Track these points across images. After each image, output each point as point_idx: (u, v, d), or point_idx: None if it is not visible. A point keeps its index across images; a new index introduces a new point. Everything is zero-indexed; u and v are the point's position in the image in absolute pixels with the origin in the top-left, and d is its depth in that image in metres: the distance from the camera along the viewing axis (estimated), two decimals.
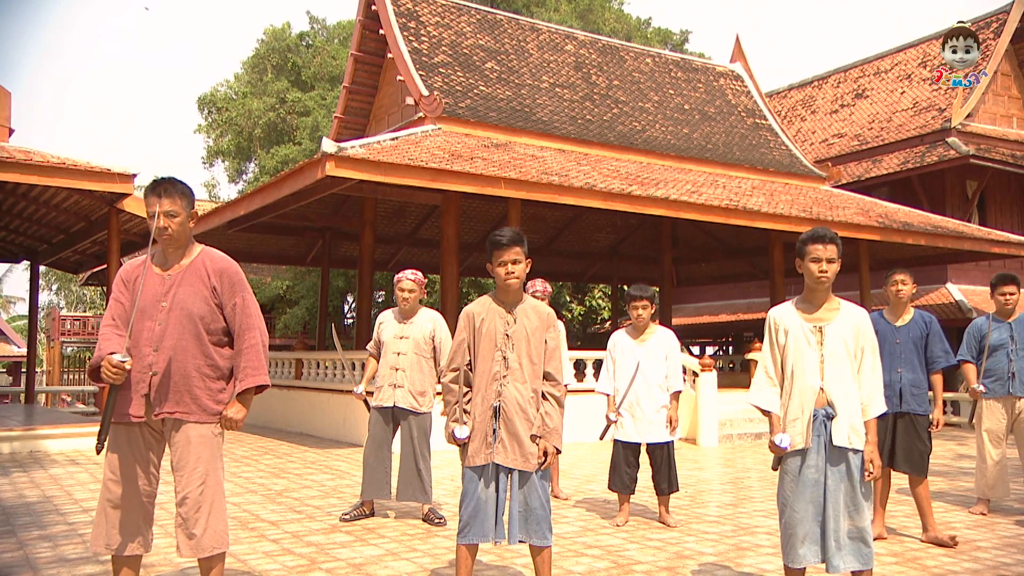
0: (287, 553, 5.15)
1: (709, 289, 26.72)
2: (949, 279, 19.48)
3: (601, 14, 27.02)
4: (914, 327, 5.80)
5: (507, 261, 3.93)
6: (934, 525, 5.72)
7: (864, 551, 3.79)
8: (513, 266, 3.93)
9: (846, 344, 3.85)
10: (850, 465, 3.78)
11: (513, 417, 3.85)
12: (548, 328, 4.02)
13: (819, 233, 3.87)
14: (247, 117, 25.98)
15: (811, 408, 3.82)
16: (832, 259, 3.84)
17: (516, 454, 3.85)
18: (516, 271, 3.94)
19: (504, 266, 3.93)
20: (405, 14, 15.22)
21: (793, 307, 3.98)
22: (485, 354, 3.94)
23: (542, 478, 3.92)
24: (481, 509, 3.85)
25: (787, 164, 18.17)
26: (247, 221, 15.39)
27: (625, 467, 6.32)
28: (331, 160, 9.40)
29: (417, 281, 6.32)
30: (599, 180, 12.12)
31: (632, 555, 5.24)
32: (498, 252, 3.95)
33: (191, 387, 3.56)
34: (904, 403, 5.69)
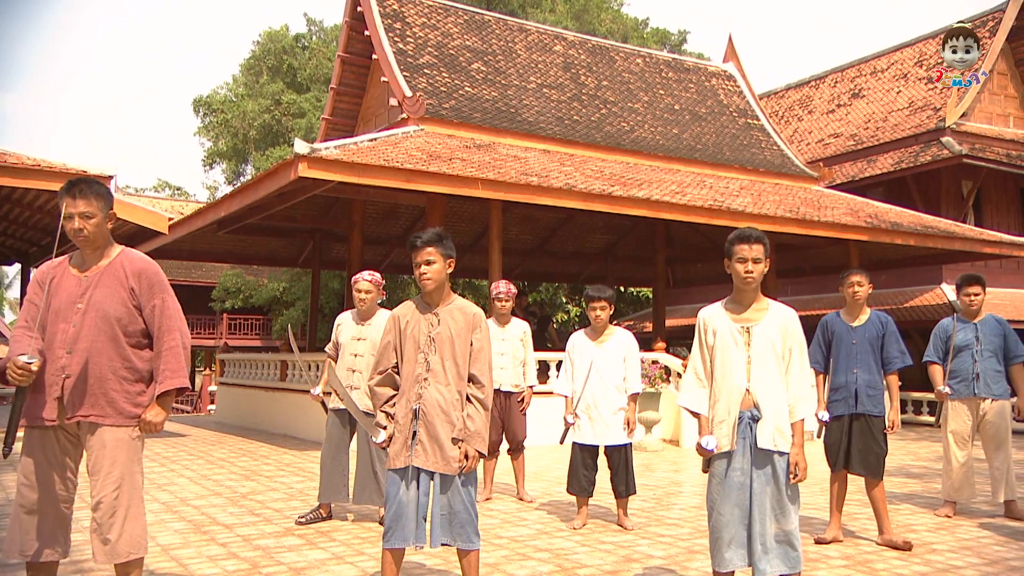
0: (231, 557, 5.12)
1: (705, 290, 26.59)
2: (944, 279, 19.35)
3: (597, 14, 26.95)
4: (870, 327, 5.74)
5: (420, 262, 3.90)
6: (890, 528, 5.66)
7: (791, 555, 3.74)
8: (427, 267, 3.89)
9: (773, 345, 3.80)
10: (776, 468, 3.73)
11: (433, 420, 3.82)
12: (474, 329, 3.98)
13: (745, 233, 3.82)
14: (242, 119, 26.00)
15: (737, 410, 3.78)
16: (758, 259, 3.79)
17: (437, 457, 3.81)
18: (430, 272, 3.90)
19: (418, 267, 3.90)
20: (391, 15, 15.21)
21: (722, 307, 3.94)
22: (409, 356, 3.90)
23: (465, 482, 3.88)
24: (403, 513, 3.81)
25: (778, 164, 18.09)
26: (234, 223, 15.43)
27: (583, 470, 6.27)
28: (303, 161, 9.37)
29: (374, 282, 6.29)
30: (581, 181, 12.08)
31: (579, 558, 5.20)
32: (413, 253, 3.92)
33: (107, 390, 3.53)
34: (860, 404, 5.63)
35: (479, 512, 6.81)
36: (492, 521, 6.38)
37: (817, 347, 5.91)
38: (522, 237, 21.03)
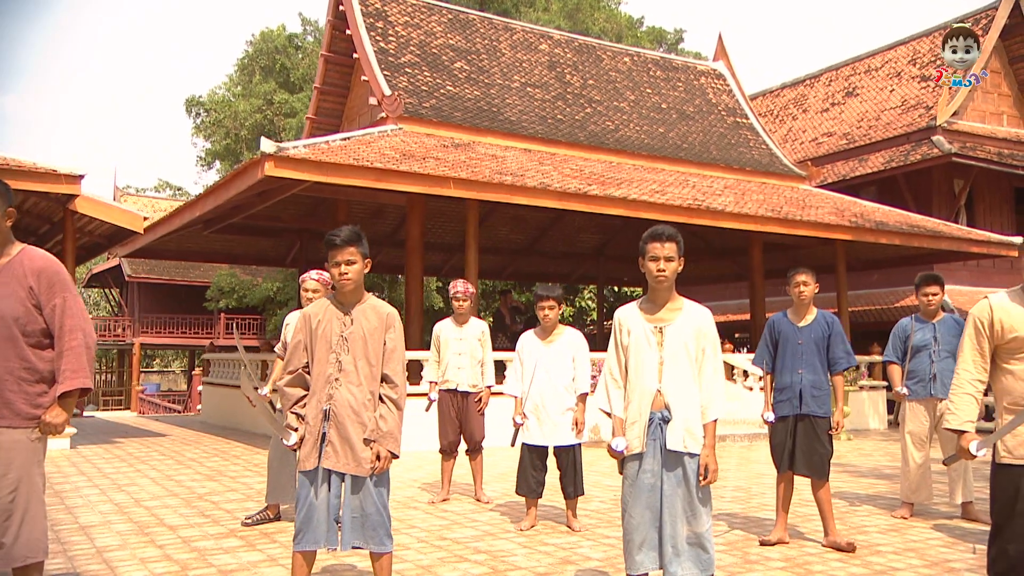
0: (164, 560, 5.08)
1: (700, 290, 26.50)
2: None
3: (590, 13, 26.88)
4: (816, 328, 5.67)
5: (341, 262, 3.83)
6: (835, 529, 5.59)
7: (703, 557, 3.69)
8: (347, 267, 3.83)
9: (686, 345, 3.74)
10: (686, 470, 3.68)
11: (344, 420, 3.76)
12: (388, 329, 3.93)
13: (657, 231, 3.76)
14: (233, 119, 26.01)
15: (648, 411, 3.72)
16: (670, 257, 3.73)
17: (348, 458, 3.76)
18: (351, 272, 3.84)
19: (338, 267, 3.84)
20: (373, 14, 15.17)
21: (637, 307, 3.88)
22: (320, 356, 3.85)
23: (378, 483, 3.83)
24: (313, 515, 3.76)
25: (766, 163, 18.00)
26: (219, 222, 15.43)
27: (531, 471, 6.21)
28: (270, 160, 9.34)
29: (322, 281, 6.24)
30: (558, 180, 12.02)
31: (516, 560, 5.15)
32: (332, 252, 3.86)
33: (3, 391, 3.48)
34: (804, 405, 5.56)
35: (436, 509, 6.81)
36: (441, 522, 6.34)
37: (764, 347, 5.85)
38: (512, 237, 20.97)
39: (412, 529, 6.06)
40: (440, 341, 7.44)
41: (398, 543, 5.59)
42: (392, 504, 7.04)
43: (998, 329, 3.64)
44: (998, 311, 3.67)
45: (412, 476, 8.77)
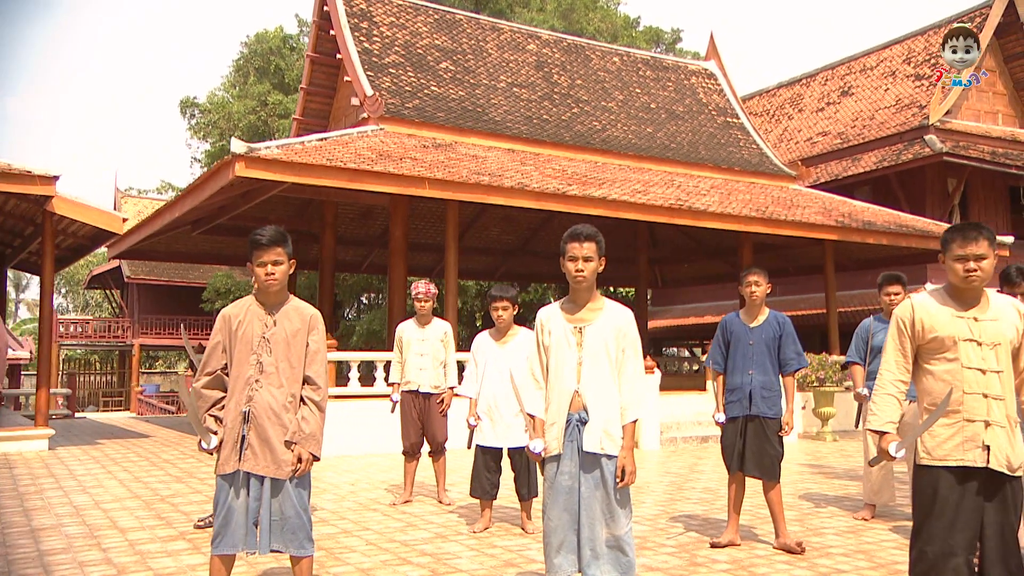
0: (104, 563, 5.05)
1: (694, 290, 26.48)
2: (929, 279, 19.11)
3: (585, 13, 26.81)
4: (767, 328, 5.62)
5: (267, 262, 3.79)
6: (786, 531, 5.54)
7: (623, 560, 3.64)
8: (274, 267, 3.79)
9: (606, 346, 3.69)
10: (604, 472, 3.63)
11: (264, 423, 3.72)
12: (311, 330, 3.89)
13: (576, 231, 3.72)
14: (227, 120, 26.02)
15: (566, 412, 3.68)
16: (589, 257, 3.69)
17: (268, 461, 3.72)
18: (278, 273, 3.79)
19: (264, 267, 3.80)
20: (358, 14, 15.15)
21: (559, 307, 3.84)
22: (240, 358, 3.80)
23: (298, 486, 3.78)
24: (232, 518, 3.72)
25: (755, 163, 17.91)
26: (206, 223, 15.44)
27: (485, 472, 6.17)
28: (240, 161, 9.32)
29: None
30: (538, 180, 11.98)
31: (459, 563, 5.10)
32: (258, 252, 3.81)
33: None
34: (754, 406, 5.51)
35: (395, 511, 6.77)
36: (397, 524, 6.30)
37: (717, 347, 5.79)
38: (503, 238, 20.96)
39: (365, 531, 6.03)
40: (402, 342, 7.41)
41: (347, 545, 5.58)
42: (354, 506, 7.07)
43: (919, 329, 3.59)
44: (919, 311, 3.61)
45: (381, 478, 8.74)
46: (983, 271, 3.47)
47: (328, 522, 6.37)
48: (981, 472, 3.43)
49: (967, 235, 3.51)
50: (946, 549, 3.41)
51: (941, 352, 3.53)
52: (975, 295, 3.55)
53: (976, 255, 3.47)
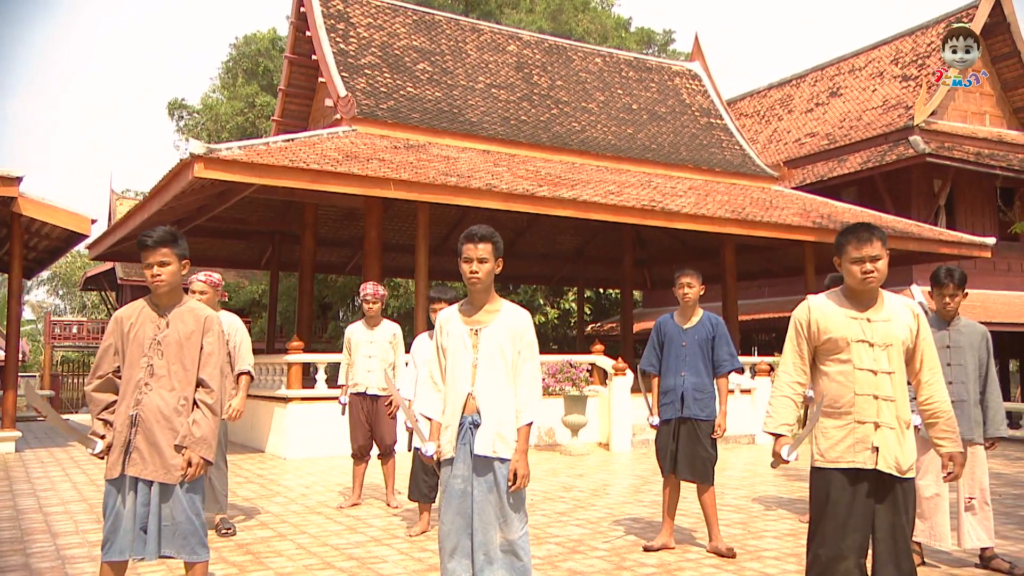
0: (22, 568, 5.01)
1: None
2: (914, 280, 19.04)
3: (574, 14, 26.77)
4: (700, 329, 5.57)
5: (153, 263, 3.74)
6: (718, 535, 5.48)
7: (517, 565, 3.59)
8: (160, 268, 3.74)
9: (502, 348, 3.64)
10: (497, 475, 3.58)
11: (152, 426, 3.67)
12: (206, 332, 3.84)
13: (471, 232, 3.67)
14: (215, 121, 26.04)
15: (459, 414, 3.63)
16: (484, 259, 3.63)
17: (156, 465, 3.67)
18: (164, 274, 3.74)
19: (150, 268, 3.75)
20: (335, 16, 15.12)
21: (457, 309, 3.80)
22: (132, 360, 3.75)
23: (189, 490, 3.73)
24: (120, 524, 3.66)
25: (737, 164, 17.85)
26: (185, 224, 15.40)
27: (423, 475, 6.12)
28: (199, 162, 9.28)
29: (209, 282, 6.17)
30: (508, 181, 11.93)
31: (382, 567, 5.06)
32: (144, 253, 3.75)
33: None
34: (686, 408, 5.46)
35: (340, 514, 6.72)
36: (336, 528, 6.25)
37: (651, 349, 5.74)
38: None
39: (301, 535, 5.98)
40: (351, 343, 7.36)
41: (277, 549, 5.53)
42: (300, 509, 7.02)
43: (814, 330, 3.55)
44: (815, 312, 3.57)
45: (338, 480, 8.69)
46: (878, 271, 3.43)
47: (268, 526, 6.32)
48: (871, 474, 3.39)
49: (861, 237, 3.47)
50: (837, 552, 3.38)
51: (835, 353, 3.49)
52: (870, 296, 3.51)
53: (871, 256, 3.43)
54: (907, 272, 19.06)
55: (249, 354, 6.28)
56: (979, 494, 5.06)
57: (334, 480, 8.74)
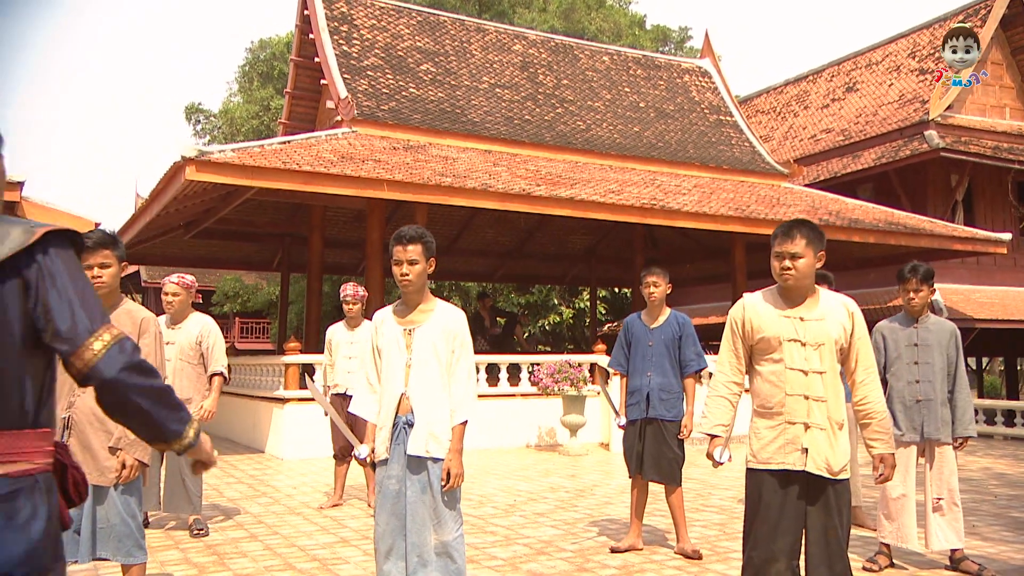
0: None
1: (698, 290, 26.15)
2: None
3: (587, 13, 26.67)
4: (667, 329, 5.50)
5: (93, 264, 3.76)
6: (686, 537, 5.42)
7: (451, 567, 3.57)
8: (101, 270, 3.76)
9: (435, 347, 3.63)
10: (430, 476, 3.56)
11: (85, 428, 3.69)
12: (142, 334, 3.85)
13: (401, 233, 3.64)
14: (230, 125, 26.28)
15: (393, 415, 3.62)
16: (415, 260, 3.61)
17: (89, 468, 3.67)
18: (104, 275, 3.76)
19: (91, 269, 3.76)
20: (338, 18, 15.18)
21: (391, 310, 3.78)
22: None
23: (124, 492, 3.74)
24: None
25: (746, 162, 17.67)
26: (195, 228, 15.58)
27: None
28: (191, 165, 9.35)
29: (182, 284, 6.21)
30: (506, 181, 11.90)
31: (344, 569, 5.05)
32: (83, 255, 3.76)
33: None
34: (652, 408, 5.40)
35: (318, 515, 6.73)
36: (310, 528, 6.26)
37: (619, 349, 5.69)
38: (500, 239, 20.89)
39: (272, 536, 5.99)
40: (331, 344, 7.38)
41: (242, 550, 5.54)
42: (281, 510, 7.04)
43: (748, 329, 3.49)
44: (749, 311, 3.51)
45: (328, 480, 8.70)
46: (797, 270, 3.36)
47: (243, 526, 6.35)
48: (802, 475, 3.32)
49: (786, 233, 3.42)
50: (769, 554, 3.32)
51: (768, 353, 3.43)
52: (802, 294, 3.44)
53: (791, 253, 3.36)
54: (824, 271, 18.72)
55: (223, 355, 6.30)
56: (947, 495, 4.95)
57: (324, 481, 8.76)
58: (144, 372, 1.73)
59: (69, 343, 1.67)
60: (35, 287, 1.65)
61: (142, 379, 1.72)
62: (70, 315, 1.67)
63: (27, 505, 1.62)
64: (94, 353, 1.67)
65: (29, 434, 1.67)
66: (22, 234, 1.64)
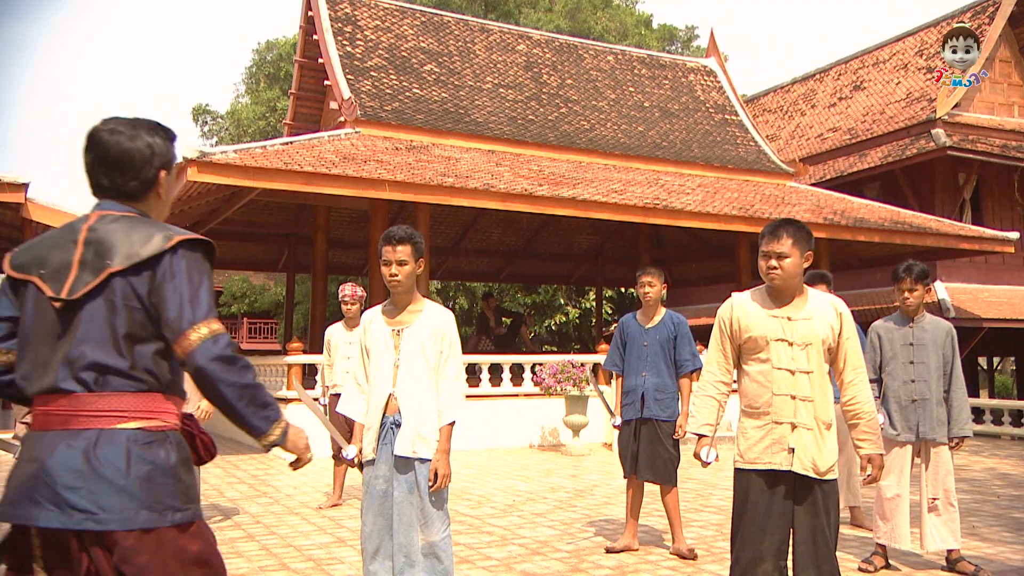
0: None
1: (707, 290, 26.06)
2: (939, 277, 18.62)
3: (592, 12, 26.64)
4: (662, 329, 5.49)
5: None
6: (681, 537, 5.40)
7: (438, 568, 3.57)
8: None
9: (423, 348, 3.63)
10: (417, 476, 3.56)
11: None
12: None
13: (390, 234, 3.63)
14: (237, 126, 26.38)
15: (381, 415, 3.62)
16: (404, 261, 3.59)
17: None
18: None
19: None
20: (342, 19, 15.22)
21: (380, 310, 3.79)
22: None
23: None
24: None
25: (752, 161, 17.62)
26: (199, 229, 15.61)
27: None
28: (193, 166, 9.39)
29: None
30: (508, 181, 11.90)
31: (338, 569, 5.06)
32: None
33: None
34: (647, 408, 5.38)
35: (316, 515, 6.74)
36: (307, 529, 6.27)
37: (615, 349, 5.68)
38: (505, 239, 20.90)
39: (269, 536, 6.01)
40: (330, 345, 7.40)
41: (239, 550, 5.56)
42: (280, 510, 7.06)
43: (736, 328, 3.48)
44: (737, 310, 3.50)
45: (329, 480, 8.71)
46: (783, 270, 3.35)
47: (240, 526, 6.36)
48: (789, 475, 3.31)
49: (771, 233, 3.40)
50: (756, 555, 3.31)
51: (756, 352, 3.42)
52: (790, 294, 3.43)
53: (777, 253, 3.35)
54: (931, 269, 18.47)
55: None
56: (943, 495, 4.92)
57: (325, 481, 8.76)
58: (233, 366, 1.98)
59: (172, 331, 1.96)
60: (159, 281, 1.98)
61: (230, 373, 1.97)
62: (178, 307, 1.96)
63: (160, 452, 1.96)
64: (190, 342, 1.94)
65: (159, 397, 2.00)
66: (162, 240, 2.00)
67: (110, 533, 1.87)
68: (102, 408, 1.94)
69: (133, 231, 2.02)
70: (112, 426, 1.93)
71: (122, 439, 1.92)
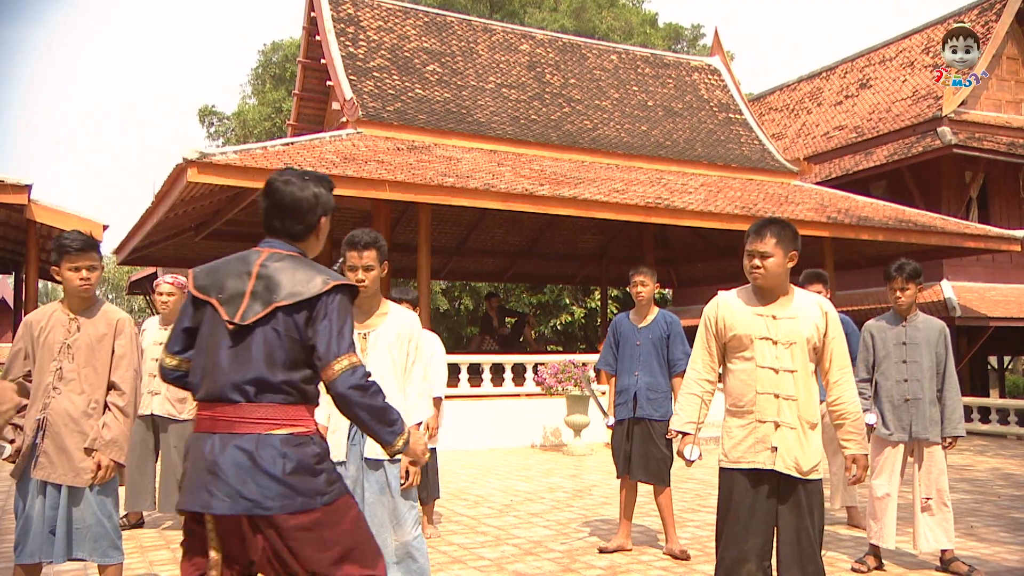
0: None
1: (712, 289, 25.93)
2: (945, 276, 18.51)
3: (597, 12, 26.60)
4: (655, 328, 5.48)
5: (82, 267, 3.77)
6: (674, 537, 5.39)
7: (413, 567, 3.57)
8: (89, 272, 3.78)
9: (389, 350, 3.63)
10: (388, 476, 3.56)
11: (60, 430, 3.70)
12: (118, 335, 3.87)
13: (355, 239, 3.61)
14: (243, 127, 26.45)
15: None
16: (370, 266, 3.58)
17: (65, 469, 3.69)
18: (93, 278, 3.79)
19: (79, 272, 3.77)
20: (344, 19, 15.24)
21: None
22: (42, 365, 3.78)
23: (100, 493, 3.76)
24: (30, 527, 3.70)
25: (756, 160, 17.56)
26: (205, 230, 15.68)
27: None
28: (193, 167, 9.41)
29: (176, 284, 6.26)
30: (509, 180, 11.89)
31: None
32: (72, 257, 3.77)
33: None
34: (639, 408, 5.37)
35: None
36: None
37: (608, 348, 5.67)
38: (509, 239, 20.88)
39: None
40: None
41: None
42: None
43: (721, 327, 3.46)
44: (722, 308, 3.49)
45: None
46: (766, 269, 3.33)
47: None
48: (772, 475, 3.29)
49: (756, 232, 3.39)
50: (739, 555, 3.30)
51: (740, 351, 3.41)
52: (775, 292, 3.41)
53: (760, 252, 3.33)
54: (937, 267, 18.54)
55: None
56: (936, 495, 4.89)
57: None
58: (368, 392, 2.38)
59: (321, 361, 2.35)
60: (315, 317, 2.37)
61: (364, 398, 2.37)
62: (327, 342, 2.34)
63: (306, 451, 2.34)
64: (334, 372, 2.33)
65: (303, 408, 2.39)
66: (320, 283, 2.40)
67: (275, 516, 2.25)
68: (260, 416, 2.32)
69: (297, 271, 2.43)
70: (269, 431, 2.31)
71: (276, 442, 2.30)
